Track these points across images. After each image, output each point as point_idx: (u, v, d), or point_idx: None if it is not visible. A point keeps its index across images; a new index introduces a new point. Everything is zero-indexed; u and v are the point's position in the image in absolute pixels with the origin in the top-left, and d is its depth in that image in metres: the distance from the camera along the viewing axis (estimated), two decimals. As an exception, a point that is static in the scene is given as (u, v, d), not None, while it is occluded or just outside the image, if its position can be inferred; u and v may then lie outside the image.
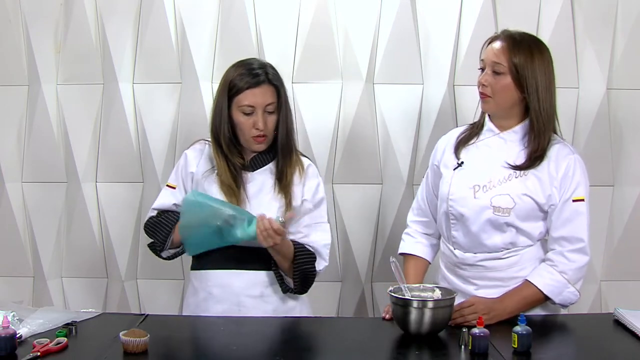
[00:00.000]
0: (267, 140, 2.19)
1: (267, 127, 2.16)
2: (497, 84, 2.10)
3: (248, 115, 2.15)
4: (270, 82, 2.17)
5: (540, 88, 2.08)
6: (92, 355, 1.74)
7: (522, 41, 2.10)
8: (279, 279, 2.16)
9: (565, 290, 2.07)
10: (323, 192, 2.26)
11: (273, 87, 2.17)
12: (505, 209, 2.09)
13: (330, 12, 2.86)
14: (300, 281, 2.15)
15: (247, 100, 2.14)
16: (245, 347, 1.85)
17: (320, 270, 2.19)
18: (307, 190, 2.22)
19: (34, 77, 2.96)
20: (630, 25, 2.86)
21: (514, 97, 2.10)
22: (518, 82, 2.08)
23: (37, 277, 3.05)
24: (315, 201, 2.23)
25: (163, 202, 2.28)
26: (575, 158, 2.12)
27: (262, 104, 2.15)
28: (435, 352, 1.82)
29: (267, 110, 2.16)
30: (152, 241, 2.25)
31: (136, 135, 2.95)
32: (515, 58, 2.07)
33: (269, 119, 2.16)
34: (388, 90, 2.90)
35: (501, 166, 2.12)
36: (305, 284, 2.17)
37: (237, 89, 2.16)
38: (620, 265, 2.95)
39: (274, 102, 2.17)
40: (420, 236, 2.32)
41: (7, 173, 3.01)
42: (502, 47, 2.09)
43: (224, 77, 2.20)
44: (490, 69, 2.10)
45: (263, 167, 2.22)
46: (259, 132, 2.15)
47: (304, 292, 2.20)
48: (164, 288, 3.02)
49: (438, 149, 2.29)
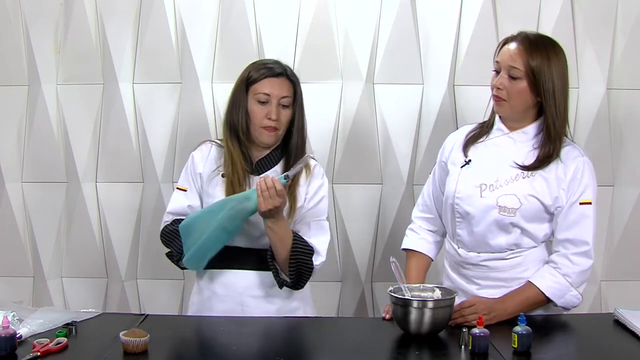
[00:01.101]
0: (277, 134, 2.18)
1: (280, 119, 2.16)
2: (513, 88, 2.07)
3: (263, 104, 2.16)
4: (288, 76, 2.20)
5: (556, 92, 2.06)
6: (92, 355, 1.74)
7: (539, 44, 2.07)
8: (274, 272, 2.13)
9: (567, 293, 2.07)
10: (325, 191, 2.25)
11: (290, 82, 2.20)
12: (511, 209, 2.08)
13: (330, 12, 2.86)
14: (295, 273, 2.12)
15: (263, 89, 2.16)
16: (246, 347, 1.85)
17: (317, 266, 2.16)
18: (311, 189, 2.21)
19: (34, 77, 2.96)
20: (630, 25, 2.86)
21: (529, 101, 2.09)
22: (534, 86, 2.06)
23: (37, 277, 3.05)
24: (317, 200, 2.22)
25: (177, 205, 2.25)
26: (584, 161, 2.11)
27: (278, 95, 2.16)
28: (435, 352, 1.82)
29: (282, 103, 2.17)
30: (169, 250, 2.23)
31: (136, 135, 2.95)
32: (533, 62, 2.04)
33: (282, 112, 2.17)
34: (388, 90, 2.90)
35: (509, 166, 2.11)
36: (301, 278, 2.15)
37: (254, 78, 2.18)
38: (620, 265, 2.95)
39: (290, 96, 2.18)
40: (424, 232, 2.31)
41: (7, 173, 3.01)
42: (519, 50, 2.06)
43: (242, 72, 2.23)
44: (506, 72, 2.08)
45: (269, 170, 2.20)
46: (271, 123, 2.15)
47: (299, 287, 2.16)
48: (164, 288, 3.02)
49: (446, 145, 2.29)
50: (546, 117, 2.08)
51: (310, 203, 2.20)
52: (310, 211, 2.21)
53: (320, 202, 2.23)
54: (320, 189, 2.23)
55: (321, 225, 2.22)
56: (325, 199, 2.25)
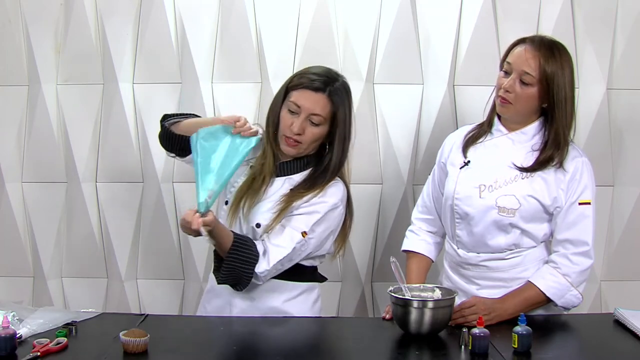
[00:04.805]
0: (298, 148, 2.09)
1: (304, 135, 2.07)
2: (523, 93, 2.06)
3: (292, 113, 2.08)
4: (329, 94, 2.08)
5: (567, 100, 2.05)
6: (92, 355, 1.74)
7: (554, 50, 2.05)
8: (215, 266, 2.03)
9: (567, 293, 2.07)
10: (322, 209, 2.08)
11: (329, 101, 2.08)
12: (510, 209, 2.08)
13: (330, 13, 2.86)
14: (230, 277, 2.00)
15: (295, 98, 2.08)
16: (245, 347, 1.85)
17: (261, 273, 2.01)
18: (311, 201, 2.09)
19: (34, 77, 2.96)
20: (630, 25, 2.86)
21: (535, 106, 2.09)
22: (545, 93, 2.05)
23: (37, 277, 3.05)
24: (306, 211, 2.08)
25: None
26: (583, 161, 2.11)
27: (308, 110, 2.06)
28: (435, 352, 1.82)
29: (311, 120, 2.07)
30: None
31: (136, 135, 2.95)
32: (548, 69, 2.03)
33: (309, 129, 2.07)
34: (388, 90, 2.90)
35: (508, 166, 2.11)
36: (239, 282, 2.03)
37: (294, 84, 2.11)
38: (620, 265, 2.95)
39: (323, 116, 2.07)
40: (424, 234, 2.31)
41: (7, 173, 3.01)
42: (535, 56, 2.04)
43: (291, 76, 2.17)
44: (518, 75, 2.06)
45: (288, 176, 2.15)
46: (292, 135, 2.07)
47: (239, 288, 2.05)
48: (164, 288, 3.02)
49: (445, 146, 2.29)
50: (556, 125, 2.07)
51: (299, 210, 2.09)
52: (295, 217, 2.08)
53: (310, 215, 2.07)
54: (319, 204, 2.09)
55: (291, 236, 2.05)
56: (317, 216, 2.07)
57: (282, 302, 2.15)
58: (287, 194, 2.11)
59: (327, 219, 2.11)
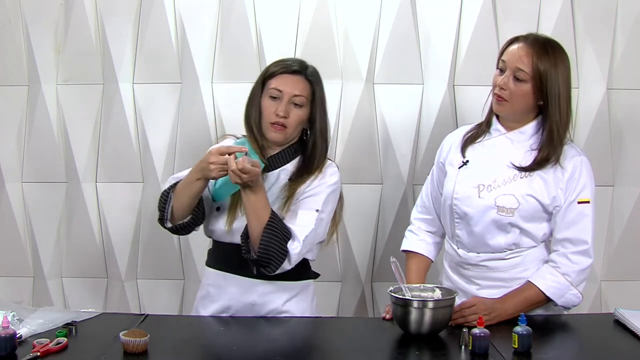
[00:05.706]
0: (285, 132, 2.14)
1: (289, 118, 2.13)
2: (517, 90, 2.07)
3: (274, 99, 2.13)
4: (306, 76, 2.17)
5: (561, 97, 2.05)
6: (92, 355, 1.74)
7: (547, 47, 2.06)
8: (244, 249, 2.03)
9: (567, 293, 2.07)
10: (327, 189, 2.14)
11: (307, 82, 2.16)
12: (510, 209, 2.08)
13: (330, 13, 2.86)
14: (265, 252, 1.99)
15: (275, 84, 2.14)
16: (245, 347, 1.85)
17: (293, 253, 2.02)
18: (313, 184, 2.13)
19: (34, 77, 2.96)
20: (630, 25, 2.86)
21: (531, 103, 2.09)
22: (538, 89, 2.05)
23: (37, 277, 3.05)
24: (313, 192, 2.13)
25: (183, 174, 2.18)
26: (582, 160, 2.11)
27: (290, 93, 2.13)
28: (435, 352, 1.82)
29: (294, 102, 2.13)
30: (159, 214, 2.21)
31: (136, 135, 2.95)
32: (541, 66, 2.04)
33: (293, 111, 2.13)
34: (388, 90, 2.90)
35: (506, 166, 2.11)
36: (270, 261, 2.01)
37: (270, 73, 2.17)
38: (620, 265, 2.95)
39: (303, 96, 2.14)
40: (423, 234, 2.31)
41: (7, 173, 3.01)
42: (528, 52, 2.05)
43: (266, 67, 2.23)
44: (512, 73, 2.07)
45: (281, 167, 2.18)
46: (278, 119, 2.12)
47: (270, 270, 2.03)
48: (164, 288, 3.02)
49: (444, 146, 2.29)
50: (550, 121, 2.07)
51: (303, 195, 2.12)
52: (303, 201, 2.11)
53: (317, 195, 2.12)
54: (321, 185, 2.14)
55: (308, 214, 2.09)
56: (323, 195, 2.13)
57: (282, 304, 2.15)
58: (288, 182, 2.15)
59: (331, 199, 2.17)
